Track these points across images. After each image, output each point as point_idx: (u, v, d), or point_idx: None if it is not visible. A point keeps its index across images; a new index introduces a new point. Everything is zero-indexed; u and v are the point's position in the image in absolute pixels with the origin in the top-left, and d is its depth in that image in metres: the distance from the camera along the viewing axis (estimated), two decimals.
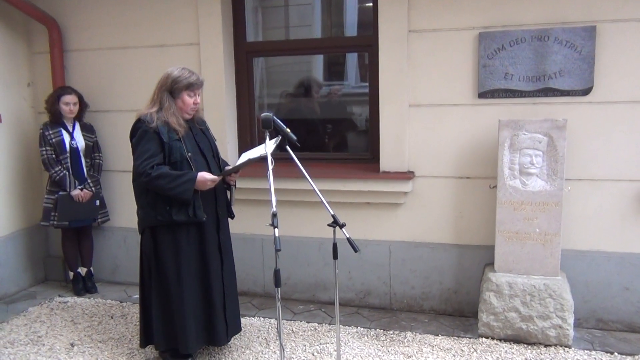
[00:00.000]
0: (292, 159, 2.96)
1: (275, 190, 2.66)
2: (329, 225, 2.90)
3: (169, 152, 2.99)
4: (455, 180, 3.86)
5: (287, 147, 2.99)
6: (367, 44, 4.05)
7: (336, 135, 4.59)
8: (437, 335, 3.67)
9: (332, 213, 2.87)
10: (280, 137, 2.99)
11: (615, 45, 3.46)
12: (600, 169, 3.59)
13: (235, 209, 3.42)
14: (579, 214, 3.65)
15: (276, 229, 2.49)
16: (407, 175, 3.88)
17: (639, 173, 3.53)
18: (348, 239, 2.79)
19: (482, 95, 3.70)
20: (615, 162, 3.56)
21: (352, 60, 4.76)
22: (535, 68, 3.58)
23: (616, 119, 3.52)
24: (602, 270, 3.64)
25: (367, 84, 4.13)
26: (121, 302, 4.38)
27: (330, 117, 4.67)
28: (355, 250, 2.79)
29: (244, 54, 4.32)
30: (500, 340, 3.53)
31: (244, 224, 4.24)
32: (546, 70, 3.56)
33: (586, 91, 3.52)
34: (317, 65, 4.87)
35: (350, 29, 4.57)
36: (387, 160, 3.94)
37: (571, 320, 3.40)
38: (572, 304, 3.41)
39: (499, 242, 3.55)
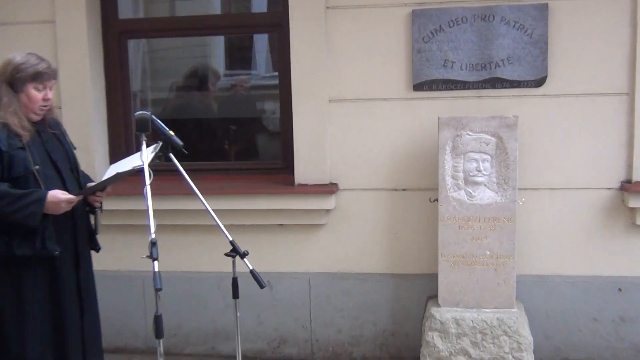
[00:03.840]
0: (178, 170, 2.90)
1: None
2: (226, 254, 2.88)
3: (9, 164, 2.85)
4: (389, 193, 3.89)
5: (171, 155, 2.93)
6: (275, 22, 4.07)
7: (240, 140, 4.61)
8: None
9: (231, 239, 2.87)
10: (161, 143, 2.93)
11: (570, 27, 3.58)
12: (559, 176, 3.68)
13: (102, 238, 3.24)
14: (536, 231, 3.72)
15: (156, 262, 2.42)
16: (329, 189, 3.88)
17: (604, 179, 3.63)
18: (252, 271, 2.81)
19: (417, 87, 3.76)
20: (577, 166, 3.66)
21: (261, 43, 4.78)
22: (479, 54, 3.66)
23: (575, 114, 3.62)
24: (566, 299, 3.74)
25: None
26: None
27: (233, 116, 4.69)
28: (261, 286, 2.82)
29: (116, 35, 4.24)
30: None
31: (119, 257, 4.10)
32: (492, 57, 3.65)
33: (540, 82, 3.62)
34: (216, 50, 4.90)
35: (259, 3, 4.64)
36: (304, 170, 3.93)
37: None
38: (532, 342, 3.46)
39: (443, 268, 3.58)
